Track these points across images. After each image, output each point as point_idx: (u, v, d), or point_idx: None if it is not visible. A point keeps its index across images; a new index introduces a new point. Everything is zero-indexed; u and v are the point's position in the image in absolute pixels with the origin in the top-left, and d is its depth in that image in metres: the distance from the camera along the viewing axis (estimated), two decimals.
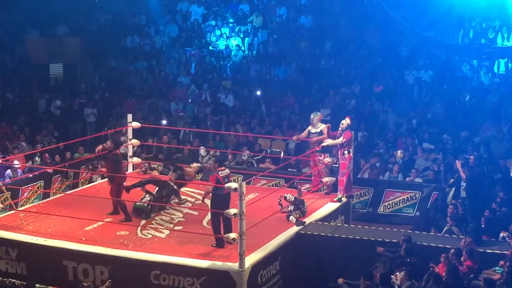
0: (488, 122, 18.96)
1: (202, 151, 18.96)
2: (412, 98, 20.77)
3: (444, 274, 10.90)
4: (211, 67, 24.41)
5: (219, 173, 12.16)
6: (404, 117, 20.07)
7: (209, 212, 12.46)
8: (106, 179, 14.11)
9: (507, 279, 10.66)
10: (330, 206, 14.42)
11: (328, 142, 14.63)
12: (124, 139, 16.67)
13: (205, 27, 25.56)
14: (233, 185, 11.63)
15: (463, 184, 15.79)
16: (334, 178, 14.88)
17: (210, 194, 12.28)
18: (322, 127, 14.87)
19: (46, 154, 18.29)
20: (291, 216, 13.34)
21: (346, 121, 14.57)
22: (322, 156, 14.91)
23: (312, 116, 15.11)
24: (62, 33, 25.23)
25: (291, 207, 13.56)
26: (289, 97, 21.94)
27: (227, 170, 12.41)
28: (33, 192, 16.63)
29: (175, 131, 20.57)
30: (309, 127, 15.09)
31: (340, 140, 14.40)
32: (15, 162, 17.07)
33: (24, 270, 12.32)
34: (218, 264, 11.41)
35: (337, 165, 14.82)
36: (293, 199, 13.65)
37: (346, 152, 14.44)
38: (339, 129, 14.58)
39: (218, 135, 20.08)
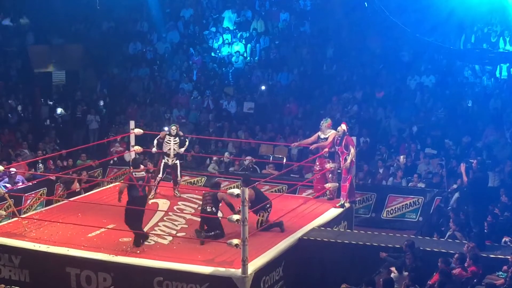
0: (490, 127, 18.94)
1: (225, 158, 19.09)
2: (414, 103, 20.74)
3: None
4: (213, 73, 24.42)
5: (134, 173, 12.37)
6: (406, 123, 20.06)
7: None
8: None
9: (510, 285, 10.64)
10: (333, 212, 14.42)
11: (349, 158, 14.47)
12: (114, 149, 17.49)
13: (208, 34, 25.55)
14: (236, 191, 11.65)
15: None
16: (337, 184, 14.88)
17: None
18: (331, 133, 14.88)
19: (50, 161, 18.31)
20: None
21: (341, 128, 14.54)
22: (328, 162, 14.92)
23: (322, 122, 15.15)
24: (65, 41, 25.25)
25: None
26: (291, 103, 21.94)
27: (143, 173, 12.52)
28: (36, 199, 16.63)
29: None
30: (319, 133, 15.13)
31: (353, 152, 14.40)
32: (12, 169, 16.93)
33: (27, 277, 12.35)
34: (221, 270, 11.41)
35: (339, 171, 14.84)
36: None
37: (347, 157, 14.44)
38: (336, 136, 14.57)
39: (221, 142, 20.07)
